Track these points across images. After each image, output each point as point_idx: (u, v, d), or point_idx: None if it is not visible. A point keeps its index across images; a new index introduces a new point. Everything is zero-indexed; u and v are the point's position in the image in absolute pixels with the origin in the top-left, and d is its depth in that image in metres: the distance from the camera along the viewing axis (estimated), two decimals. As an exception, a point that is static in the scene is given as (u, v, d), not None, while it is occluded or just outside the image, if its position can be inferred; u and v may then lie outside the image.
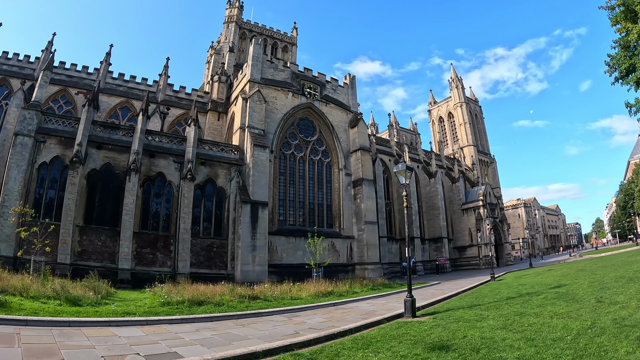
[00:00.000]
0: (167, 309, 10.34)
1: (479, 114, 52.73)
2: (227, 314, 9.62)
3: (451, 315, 8.67)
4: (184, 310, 10.21)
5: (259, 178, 21.64)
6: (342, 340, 6.59)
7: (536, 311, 7.90)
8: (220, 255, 21.23)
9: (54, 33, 25.82)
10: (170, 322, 8.40)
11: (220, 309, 10.68)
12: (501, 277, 22.28)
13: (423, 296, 14.82)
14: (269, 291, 14.28)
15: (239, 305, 11.49)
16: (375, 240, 26.27)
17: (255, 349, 5.61)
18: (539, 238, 73.88)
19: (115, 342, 6.30)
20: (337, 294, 15.58)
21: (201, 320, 8.88)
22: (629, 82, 12.86)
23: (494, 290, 14.70)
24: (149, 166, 21.06)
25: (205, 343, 6.49)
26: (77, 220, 19.33)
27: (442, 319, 8.17)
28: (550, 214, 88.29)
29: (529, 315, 7.44)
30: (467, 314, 8.54)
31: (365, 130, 28.88)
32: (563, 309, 7.68)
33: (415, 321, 8.28)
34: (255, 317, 9.72)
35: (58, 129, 20.53)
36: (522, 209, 70.57)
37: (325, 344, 6.33)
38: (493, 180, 48.56)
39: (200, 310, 10.28)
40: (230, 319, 9.25)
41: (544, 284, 14.34)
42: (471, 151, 47.26)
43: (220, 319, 9.16)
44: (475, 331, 6.41)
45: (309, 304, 12.81)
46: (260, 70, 25.38)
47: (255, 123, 23.29)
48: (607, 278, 12.42)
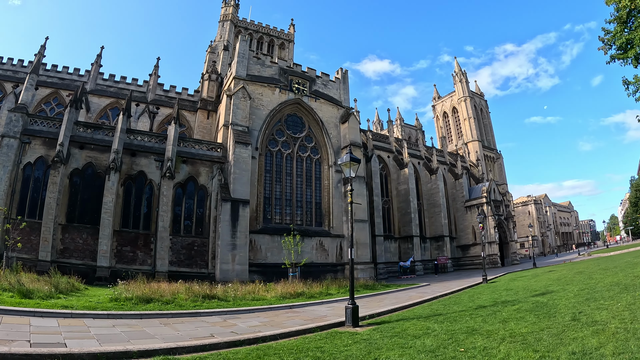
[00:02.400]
0: (113, 304, 10.46)
1: (485, 109, 50.61)
2: (158, 312, 9.34)
3: (396, 327, 7.89)
4: (129, 306, 10.27)
5: (240, 176, 21.23)
6: (239, 349, 6.00)
7: (493, 328, 6.84)
8: (202, 254, 20.98)
9: (46, 37, 26.29)
10: (95, 317, 8.30)
11: (166, 307, 10.52)
12: (495, 279, 20.98)
13: (396, 300, 14.00)
14: (232, 291, 13.82)
15: (188, 304, 11.16)
16: (366, 239, 25.41)
17: (131, 348, 5.38)
18: (550, 236, 70.28)
19: (21, 329, 6.46)
20: (308, 295, 14.92)
21: (128, 317, 8.69)
22: (624, 57, 11.51)
23: (474, 296, 13.69)
24: (130, 165, 21.05)
25: (104, 338, 6.32)
26: (60, 219, 19.53)
27: (381, 332, 7.43)
28: (562, 210, 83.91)
29: (479, 335, 6.42)
30: (414, 327, 7.71)
31: (357, 126, 28.04)
32: (525, 328, 6.53)
33: (349, 332, 7.58)
34: (190, 316, 9.32)
35: (43, 130, 20.82)
36: (532, 206, 67.13)
37: (220, 351, 5.81)
38: (499, 176, 46.48)
39: (146, 307, 10.28)
40: (160, 317, 8.88)
41: (530, 290, 13.22)
42: (476, 146, 45.38)
43: (150, 316, 8.89)
44: (396, 352, 5.61)
45: (269, 305, 12.28)
46: (246, 66, 24.97)
47: (239, 120, 22.90)
48: (601, 285, 11.20)
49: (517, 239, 45.19)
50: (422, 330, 7.26)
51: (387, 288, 19.23)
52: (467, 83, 49.01)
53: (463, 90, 48.45)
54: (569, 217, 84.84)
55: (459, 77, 48.96)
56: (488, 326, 7.21)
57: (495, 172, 46.60)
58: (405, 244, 34.69)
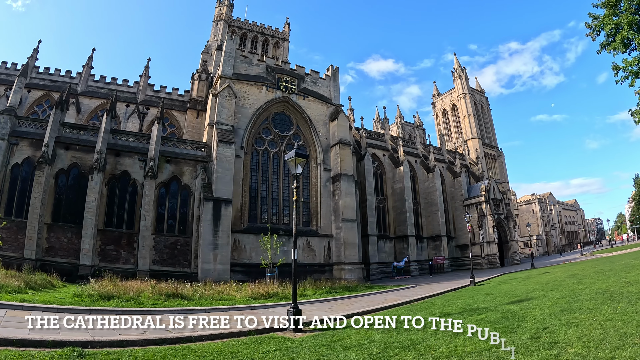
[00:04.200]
0: (74, 300, 10.92)
1: (485, 105, 49.38)
2: (108, 309, 9.76)
3: (336, 334, 7.52)
4: (88, 302, 10.71)
5: (222, 175, 21.11)
6: (154, 347, 6.03)
7: (437, 343, 6.12)
8: (185, 253, 20.94)
9: (39, 40, 26.84)
10: (44, 310, 8.73)
11: (125, 304, 10.87)
12: (485, 281, 20.26)
13: (370, 303, 13.60)
14: (201, 290, 13.70)
15: (148, 302, 11.27)
16: (354, 239, 24.96)
17: (47, 338, 5.82)
18: (555, 235, 68.00)
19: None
20: (281, 296, 14.63)
21: (78, 312, 9.02)
22: (615, 47, 10.77)
23: (450, 300, 13.16)
24: (115, 165, 21.17)
25: (36, 329, 6.61)
26: (45, 218, 19.78)
27: (316, 339, 7.06)
28: (567, 209, 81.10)
29: (415, 351, 5.73)
30: (356, 336, 7.24)
31: (346, 123, 27.61)
32: (472, 346, 5.68)
33: (284, 338, 7.32)
34: (139, 314, 9.35)
35: (30, 131, 21.13)
36: (536, 205, 65.04)
37: (135, 348, 5.98)
38: (500, 174, 45.26)
39: (104, 304, 10.71)
40: (109, 313, 9.07)
41: (510, 296, 12.57)
42: (476, 144, 44.28)
43: (99, 312, 9.20)
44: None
45: (232, 305, 12.12)
46: (233, 65, 24.87)
47: (223, 119, 22.79)
48: (586, 292, 10.49)
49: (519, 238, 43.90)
50: (359, 340, 6.84)
51: (369, 290, 18.78)
52: (467, 79, 47.90)
53: (462, 86, 47.35)
54: (575, 216, 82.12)
55: (459, 73, 47.87)
56: (433, 340, 6.60)
57: (496, 170, 45.43)
58: (400, 244, 34.05)
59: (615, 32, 10.65)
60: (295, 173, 8.52)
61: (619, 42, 10.38)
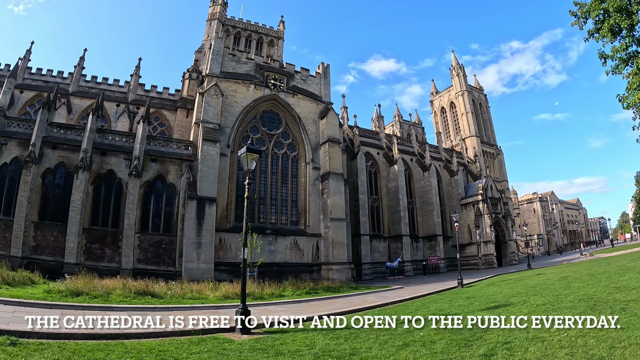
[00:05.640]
0: (45, 295, 11.23)
1: (484, 103, 48.51)
2: (70, 304, 10.15)
3: (281, 338, 7.24)
4: (56, 298, 10.95)
5: (207, 173, 21.02)
6: (89, 341, 6.25)
7: (383, 354, 5.93)
8: (169, 252, 20.90)
9: (32, 42, 27.11)
10: (6, 303, 9.10)
11: (92, 301, 11.09)
12: (474, 283, 19.67)
13: (346, 304, 13.23)
14: (175, 288, 13.62)
15: (115, 300, 11.33)
16: (343, 238, 24.64)
17: None
18: (557, 234, 66.42)
19: None
20: (257, 296, 14.45)
21: (39, 305, 9.45)
22: (603, 34, 10.21)
23: (426, 305, 12.68)
24: (101, 164, 21.23)
25: None
26: (32, 217, 19.93)
27: (257, 343, 6.81)
28: (569, 208, 79.18)
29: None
30: (300, 341, 6.94)
31: (336, 121, 27.31)
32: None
33: (226, 339, 7.14)
34: (99, 310, 9.58)
35: (19, 131, 21.32)
36: (538, 204, 63.53)
37: (69, 341, 6.24)
38: (500, 172, 44.42)
39: (72, 300, 10.94)
40: (70, 308, 9.49)
41: (489, 301, 11.95)
42: (474, 142, 43.51)
43: (61, 307, 9.56)
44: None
45: (201, 304, 12.02)
46: (220, 63, 24.77)
47: (210, 117, 22.70)
48: (570, 298, 9.87)
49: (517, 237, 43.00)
50: (298, 346, 6.55)
51: (353, 290, 18.46)
52: (465, 77, 47.08)
53: (460, 84, 46.56)
54: (577, 215, 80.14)
55: (457, 70, 47.08)
56: (377, 350, 6.10)
57: (495, 169, 44.59)
58: (395, 244, 33.63)
59: (604, 18, 10.10)
60: (247, 169, 8.29)
61: (607, 29, 9.81)
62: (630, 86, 10.13)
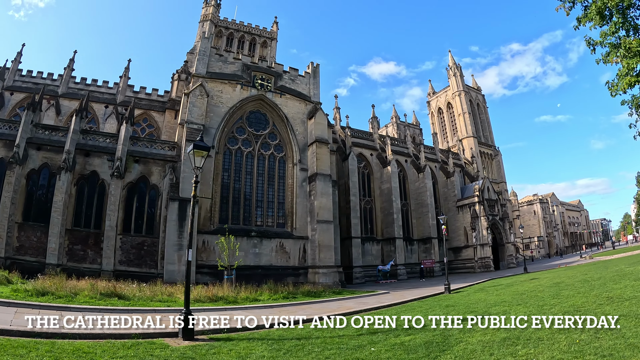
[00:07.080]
0: (13, 294, 11.34)
1: (482, 104, 47.71)
2: (30, 303, 10.11)
3: (221, 346, 6.87)
4: (21, 297, 11.02)
5: (189, 174, 20.70)
6: (24, 339, 6.35)
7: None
8: (151, 254, 20.68)
9: (23, 44, 27.31)
10: None
11: (56, 300, 11.03)
12: (463, 288, 18.86)
13: (319, 310, 12.63)
14: (146, 290, 13.39)
15: (80, 300, 11.28)
16: (330, 241, 24.14)
17: None
18: (558, 236, 64.87)
19: None
20: (230, 300, 14.06)
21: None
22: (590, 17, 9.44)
23: (403, 312, 12.14)
24: (84, 165, 21.14)
25: None
26: (16, 217, 19.89)
27: (193, 351, 6.47)
28: (570, 209, 77.41)
29: None
30: (240, 349, 6.62)
31: (324, 121, 26.93)
32: None
33: (163, 344, 6.80)
34: (55, 309, 9.60)
35: (5, 132, 21.32)
36: (538, 205, 62.11)
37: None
38: (498, 174, 43.55)
39: (36, 299, 10.94)
40: (29, 307, 9.58)
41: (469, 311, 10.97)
42: (471, 143, 42.74)
43: (19, 305, 9.71)
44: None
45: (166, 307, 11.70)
46: (207, 64, 24.58)
47: (194, 118, 22.48)
48: (555, 309, 9.01)
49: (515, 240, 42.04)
50: (232, 357, 6.19)
51: (335, 295, 17.93)
52: (462, 77, 46.39)
53: (457, 84, 45.86)
54: (579, 217, 78.32)
55: (453, 70, 46.41)
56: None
57: (492, 170, 43.76)
58: (388, 247, 33.05)
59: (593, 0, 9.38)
60: (194, 167, 7.95)
61: (594, 11, 9.02)
62: (620, 72, 9.34)
